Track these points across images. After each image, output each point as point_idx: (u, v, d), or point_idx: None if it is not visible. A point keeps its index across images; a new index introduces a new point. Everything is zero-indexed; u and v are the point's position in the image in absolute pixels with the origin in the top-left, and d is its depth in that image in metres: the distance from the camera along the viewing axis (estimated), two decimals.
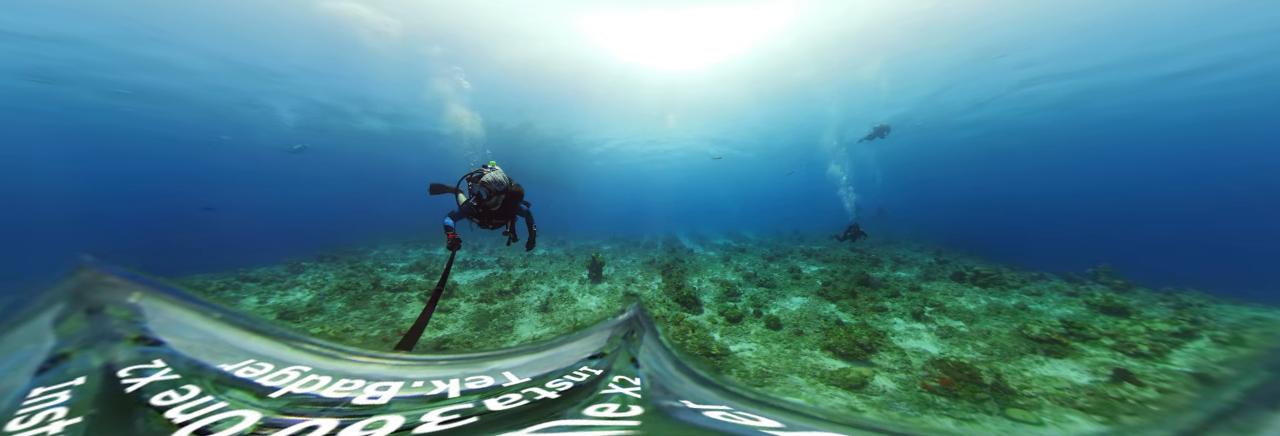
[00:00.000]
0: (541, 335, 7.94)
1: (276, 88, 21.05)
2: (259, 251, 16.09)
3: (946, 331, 8.03)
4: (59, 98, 21.00)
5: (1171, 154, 42.13)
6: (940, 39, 17.06)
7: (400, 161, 38.73)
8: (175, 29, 15.39)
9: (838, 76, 20.09)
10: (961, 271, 12.76)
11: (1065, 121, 26.23)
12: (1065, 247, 22.73)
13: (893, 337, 7.83)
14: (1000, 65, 19.36)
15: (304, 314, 8.92)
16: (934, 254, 17.08)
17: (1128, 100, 23.12)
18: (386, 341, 7.09)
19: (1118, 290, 11.84)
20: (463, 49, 17.23)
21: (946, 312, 9.25)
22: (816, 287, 11.66)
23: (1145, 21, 15.85)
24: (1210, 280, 11.41)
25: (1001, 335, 7.85)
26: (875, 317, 9.11)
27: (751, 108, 24.94)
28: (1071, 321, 8.14)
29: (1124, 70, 19.80)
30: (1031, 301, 10.37)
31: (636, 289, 11.36)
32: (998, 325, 8.39)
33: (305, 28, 15.44)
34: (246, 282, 11.45)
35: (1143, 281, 12.33)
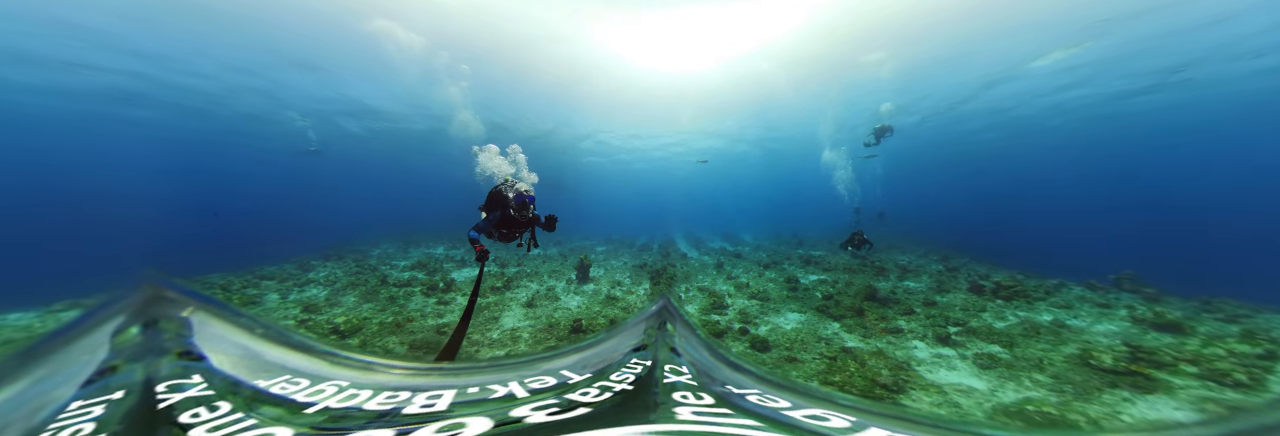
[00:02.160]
0: (521, 326, 8.18)
1: (300, 95, 21.11)
2: (268, 251, 15.93)
3: (986, 360, 6.33)
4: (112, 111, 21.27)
5: (1169, 153, 40.44)
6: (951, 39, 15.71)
7: (407, 164, 38.43)
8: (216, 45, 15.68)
9: (843, 75, 18.76)
10: (978, 281, 11.27)
11: (1065, 122, 24.88)
12: (1070, 249, 21.38)
13: (919, 368, 6.33)
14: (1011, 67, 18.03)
15: (324, 306, 9.25)
16: (940, 259, 15.59)
17: (1124, 101, 21.79)
18: (414, 348, 6.97)
19: (1149, 300, 10.45)
20: (478, 61, 17.23)
21: (976, 334, 7.54)
22: (816, 301, 9.95)
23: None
24: (1228, 283, 10.42)
25: (1056, 363, 6.19)
26: (889, 341, 7.43)
27: (754, 107, 23.44)
28: (1135, 343, 6.68)
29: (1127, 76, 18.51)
30: (1065, 316, 8.90)
31: (621, 293, 10.84)
32: (1043, 349, 6.82)
33: (340, 40, 15.49)
34: (264, 280, 11.50)
35: (1171, 289, 10.97)
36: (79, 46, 15.08)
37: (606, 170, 44.97)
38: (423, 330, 7.62)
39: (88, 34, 14.32)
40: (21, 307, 8.85)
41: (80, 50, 15.30)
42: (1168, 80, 18.76)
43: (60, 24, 13.57)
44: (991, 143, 31.45)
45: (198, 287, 1.99)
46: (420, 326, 7.86)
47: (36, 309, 8.85)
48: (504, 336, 7.68)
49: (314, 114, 23.85)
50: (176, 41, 15.15)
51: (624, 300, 10.27)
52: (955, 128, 27.44)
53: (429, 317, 8.45)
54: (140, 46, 15.33)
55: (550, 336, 7.56)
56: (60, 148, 34.25)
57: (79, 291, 9.47)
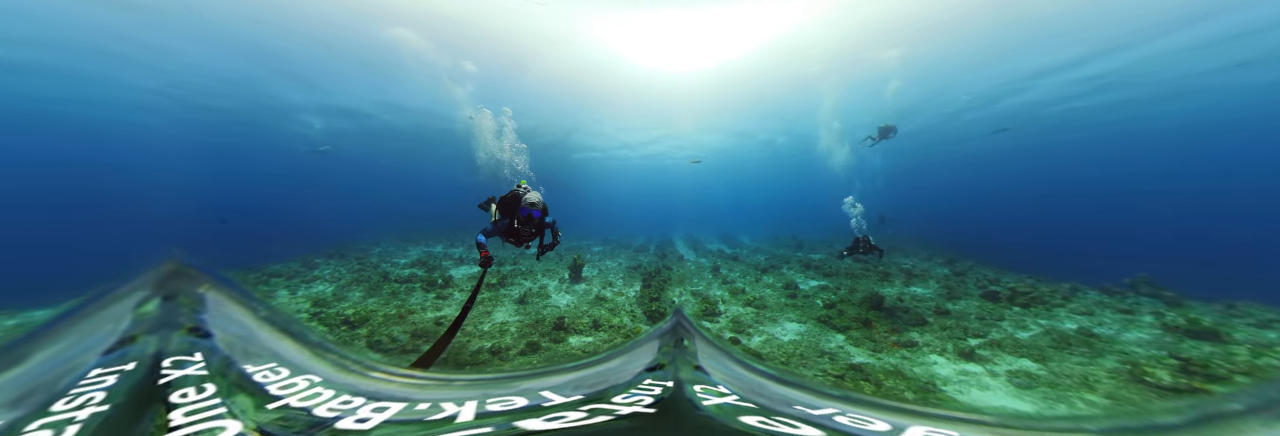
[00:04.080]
0: (511, 321, 8.25)
1: (318, 99, 21.18)
2: (275, 249, 15.69)
3: (1023, 377, 5.37)
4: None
5: (1166, 152, 39.20)
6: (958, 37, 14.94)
7: (408, 162, 38.40)
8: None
9: (848, 74, 17.96)
10: (990, 287, 10.37)
11: (1066, 119, 24.00)
12: (1071, 250, 20.54)
13: (947, 387, 5.39)
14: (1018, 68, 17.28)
15: (333, 301, 9.39)
16: (945, 263, 14.70)
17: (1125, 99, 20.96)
18: (416, 337, 7.09)
19: (1171, 304, 9.58)
20: (481, 62, 16.98)
21: (1001, 347, 6.56)
22: (817, 310, 8.93)
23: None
24: (1241, 286, 9.59)
25: (1100, 379, 5.29)
26: (904, 356, 6.44)
27: (756, 107, 22.58)
28: (1182, 355, 5.81)
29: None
30: (1090, 324, 8.02)
31: (611, 293, 10.55)
32: (1081, 363, 5.89)
33: (358, 46, 15.50)
34: (273, 278, 11.52)
35: (1191, 292, 10.09)
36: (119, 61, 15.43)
37: (606, 169, 44.05)
38: (423, 322, 7.85)
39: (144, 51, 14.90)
40: (43, 305, 8.73)
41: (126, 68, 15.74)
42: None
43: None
44: (997, 143, 30.61)
45: (223, 271, 1.96)
46: (420, 318, 8.10)
47: (57, 306, 8.43)
48: (494, 329, 7.82)
49: (324, 113, 23.60)
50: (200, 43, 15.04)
51: (613, 301, 9.92)
52: (957, 130, 26.65)
53: (428, 310, 8.74)
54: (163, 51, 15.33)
55: (535, 331, 7.59)
56: (72, 148, 33.99)
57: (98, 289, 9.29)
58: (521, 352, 6.73)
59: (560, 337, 7.38)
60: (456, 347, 6.78)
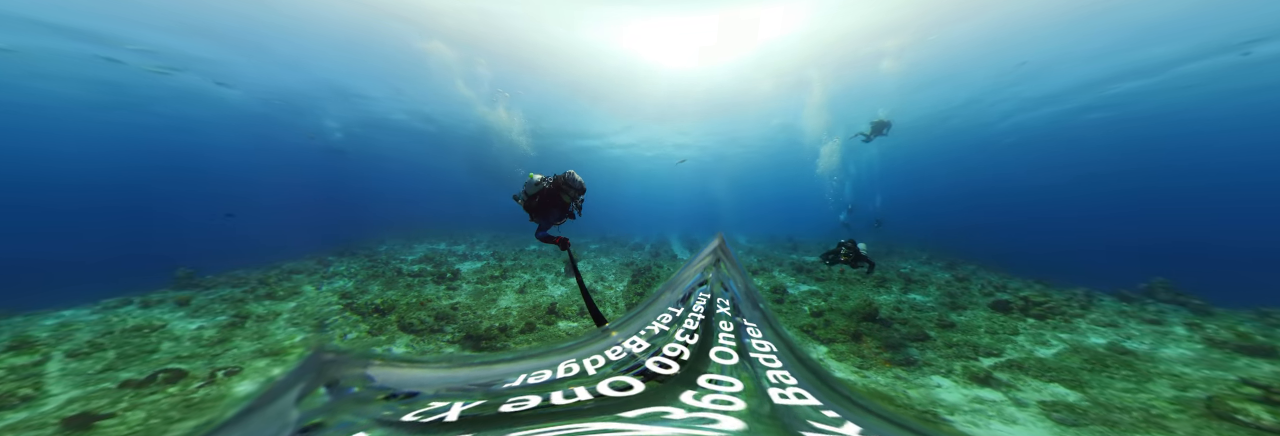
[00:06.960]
0: (512, 306, 8.76)
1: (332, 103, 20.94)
2: (288, 248, 15.12)
3: (1062, 410, 4.07)
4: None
5: (1161, 151, 37.14)
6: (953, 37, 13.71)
7: (413, 161, 37.63)
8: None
9: (843, 73, 16.77)
10: (998, 295, 9.06)
11: (1063, 119, 22.54)
12: (1074, 251, 19.12)
13: (954, 417, 4.16)
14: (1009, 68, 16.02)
15: (356, 293, 9.55)
16: (946, 267, 13.38)
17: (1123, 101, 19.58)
18: (439, 318, 7.81)
19: (1199, 313, 8.29)
20: (495, 63, 16.62)
21: (1024, 369, 5.27)
22: (803, 318, 7.77)
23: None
24: (1254, 290, 8.63)
25: (1166, 413, 3.98)
26: (898, 375, 5.18)
27: (757, 107, 21.41)
28: (1260, 382, 4.54)
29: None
30: (1118, 338, 6.74)
31: (601, 287, 10.65)
32: (1128, 389, 4.65)
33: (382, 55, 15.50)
34: (294, 275, 11.34)
35: (1217, 299, 8.82)
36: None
37: (607, 167, 42.85)
38: (441, 308, 8.26)
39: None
40: (75, 305, 8.66)
41: None
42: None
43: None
44: (1000, 143, 29.15)
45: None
46: (438, 305, 8.49)
47: (88, 305, 8.67)
48: (499, 313, 8.31)
49: (343, 116, 23.49)
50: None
51: (602, 294, 10.07)
52: (955, 130, 25.27)
53: (443, 298, 9.12)
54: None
55: (532, 315, 7.99)
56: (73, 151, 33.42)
57: (125, 288, 9.51)
58: (521, 331, 7.17)
59: (552, 321, 7.76)
60: (470, 324, 7.41)
